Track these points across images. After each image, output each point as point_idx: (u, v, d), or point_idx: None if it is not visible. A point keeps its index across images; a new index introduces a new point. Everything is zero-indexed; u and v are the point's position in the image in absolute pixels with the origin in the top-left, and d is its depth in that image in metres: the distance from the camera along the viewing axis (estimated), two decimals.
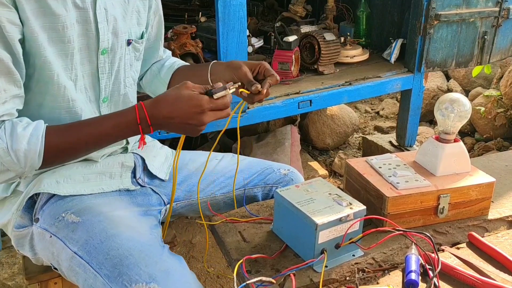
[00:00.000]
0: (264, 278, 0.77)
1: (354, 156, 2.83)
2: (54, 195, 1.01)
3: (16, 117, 0.90)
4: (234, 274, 0.82)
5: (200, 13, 2.24)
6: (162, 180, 1.18)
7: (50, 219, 0.99)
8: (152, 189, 1.15)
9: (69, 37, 0.93)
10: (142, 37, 1.12)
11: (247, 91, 1.00)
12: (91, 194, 1.03)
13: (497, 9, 2.12)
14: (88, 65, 1.00)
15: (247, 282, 0.77)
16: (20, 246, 1.05)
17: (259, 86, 1.00)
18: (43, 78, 0.93)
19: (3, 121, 0.87)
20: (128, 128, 0.90)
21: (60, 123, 0.94)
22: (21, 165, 0.87)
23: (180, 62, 1.26)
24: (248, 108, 1.78)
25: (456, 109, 1.03)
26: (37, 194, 1.02)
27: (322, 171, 2.48)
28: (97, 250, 0.91)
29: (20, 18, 0.86)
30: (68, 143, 0.90)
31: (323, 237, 0.85)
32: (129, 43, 1.07)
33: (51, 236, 0.97)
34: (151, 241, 0.96)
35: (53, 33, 0.91)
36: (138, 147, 1.10)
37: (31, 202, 1.02)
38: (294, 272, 0.81)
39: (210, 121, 0.90)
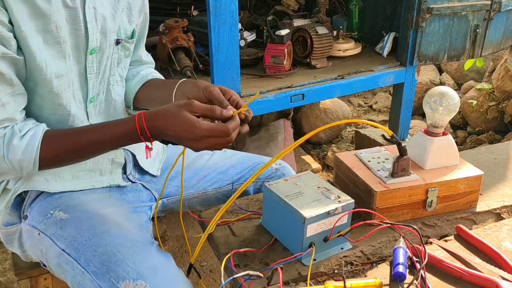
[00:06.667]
0: (251, 272, 0.77)
1: (347, 150, 2.84)
2: (42, 192, 1.00)
3: (22, 118, 0.89)
4: (222, 268, 0.82)
5: (192, 6, 2.23)
6: (154, 176, 1.18)
7: (38, 216, 0.98)
8: (143, 185, 1.14)
9: (64, 37, 0.90)
10: (132, 36, 1.08)
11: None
12: (80, 190, 1.02)
13: (488, 2, 2.12)
14: (76, 65, 0.96)
15: (235, 276, 0.77)
16: (9, 243, 1.05)
17: (233, 109, 0.91)
18: (34, 79, 0.90)
19: (5, 127, 0.86)
20: (128, 137, 0.90)
21: (50, 124, 0.93)
22: (17, 172, 0.88)
23: (155, 75, 1.19)
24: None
25: (445, 102, 1.03)
26: (26, 192, 1.01)
27: (315, 165, 2.49)
28: (85, 247, 0.91)
29: (10, 21, 0.82)
30: (66, 149, 0.90)
31: (311, 230, 0.86)
32: (118, 42, 1.03)
33: (39, 234, 0.97)
34: (140, 238, 0.96)
35: (47, 35, 0.87)
36: (146, 158, 1.09)
37: (20, 200, 1.01)
38: (282, 265, 0.81)
39: (205, 148, 0.88)
